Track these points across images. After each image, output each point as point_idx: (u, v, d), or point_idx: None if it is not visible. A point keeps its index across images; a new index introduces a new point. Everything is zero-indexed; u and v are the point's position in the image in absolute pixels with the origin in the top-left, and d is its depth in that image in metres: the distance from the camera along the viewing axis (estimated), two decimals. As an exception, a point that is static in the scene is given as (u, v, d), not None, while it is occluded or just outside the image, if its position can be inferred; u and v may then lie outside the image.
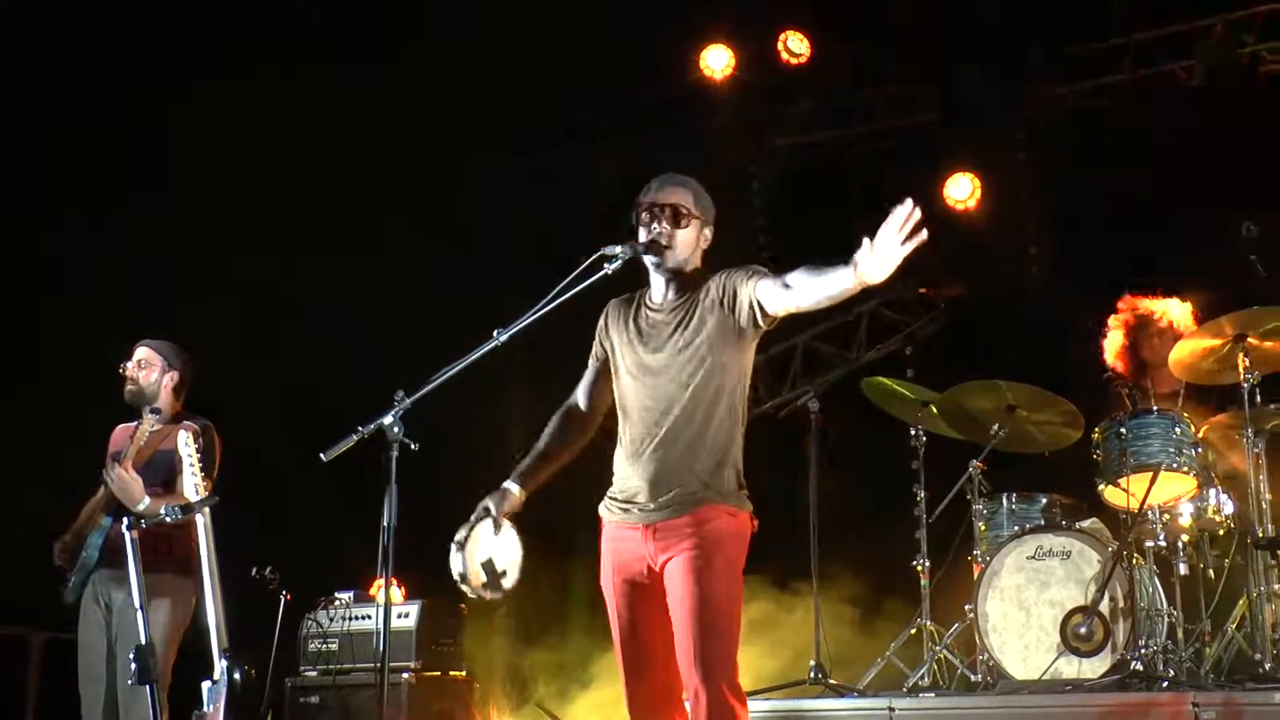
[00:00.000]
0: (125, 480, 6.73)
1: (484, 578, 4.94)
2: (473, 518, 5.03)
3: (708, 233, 5.17)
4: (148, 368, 7.15)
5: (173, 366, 7.20)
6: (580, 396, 5.30)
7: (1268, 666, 6.66)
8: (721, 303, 4.98)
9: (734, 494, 4.97)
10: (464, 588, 4.93)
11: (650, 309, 5.13)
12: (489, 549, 4.97)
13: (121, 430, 7.20)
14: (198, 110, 9.71)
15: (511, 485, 5.14)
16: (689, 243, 5.10)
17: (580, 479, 5.52)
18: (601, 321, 5.27)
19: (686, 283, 5.11)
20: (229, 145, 9.78)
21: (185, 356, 7.26)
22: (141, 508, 6.59)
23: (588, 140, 11.50)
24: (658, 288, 5.15)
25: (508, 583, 5.00)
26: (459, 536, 4.94)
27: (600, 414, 5.30)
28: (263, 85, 9.78)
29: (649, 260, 5.07)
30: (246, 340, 9.70)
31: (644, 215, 5.08)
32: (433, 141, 10.70)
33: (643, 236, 5.06)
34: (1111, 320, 7.95)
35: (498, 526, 5.02)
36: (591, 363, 5.30)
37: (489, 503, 5.08)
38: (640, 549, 4.94)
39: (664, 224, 5.05)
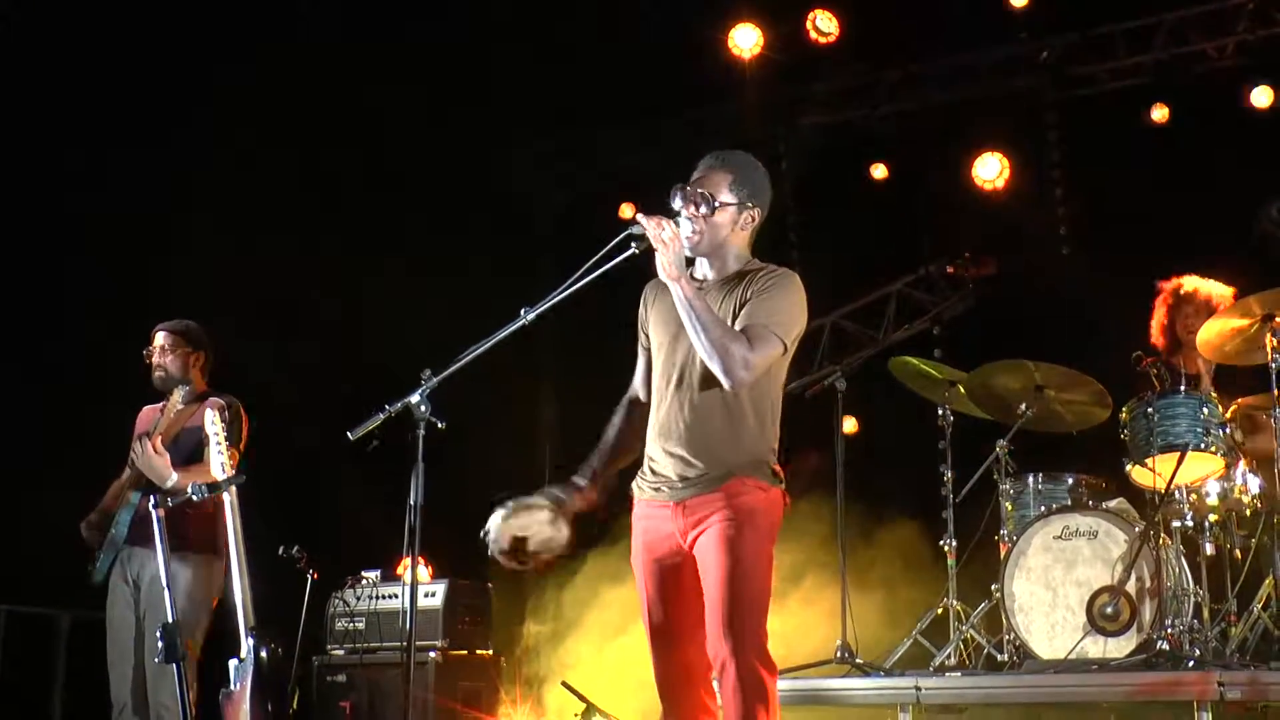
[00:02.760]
0: (152, 458, 6.76)
1: (506, 546, 4.93)
2: (536, 497, 4.99)
3: (754, 214, 5.07)
4: (172, 351, 7.17)
5: (198, 347, 7.23)
6: (639, 387, 5.25)
7: (1294, 647, 6.66)
8: (749, 300, 4.95)
9: (765, 471, 4.94)
10: (489, 542, 4.93)
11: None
12: (530, 528, 4.92)
13: (148, 411, 7.23)
14: (225, 96, 9.72)
15: (581, 480, 5.08)
16: (723, 226, 5.02)
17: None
18: (642, 307, 5.24)
19: (729, 262, 5.06)
20: (255, 128, 9.79)
21: (205, 333, 7.28)
22: (170, 484, 6.63)
23: (616, 121, 11.49)
24: (701, 266, 5.10)
25: (530, 565, 4.99)
26: (512, 503, 4.92)
27: None
28: (276, 68, 9.77)
29: (683, 238, 5.00)
30: (272, 318, 9.71)
31: (677, 198, 5.02)
32: (460, 124, 10.69)
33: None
34: (1158, 296, 7.92)
35: (555, 518, 4.97)
36: (640, 352, 5.26)
37: (559, 492, 5.02)
38: (670, 526, 4.93)
39: (693, 208, 4.98)
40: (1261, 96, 9.80)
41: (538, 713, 8.83)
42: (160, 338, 7.21)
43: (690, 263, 5.05)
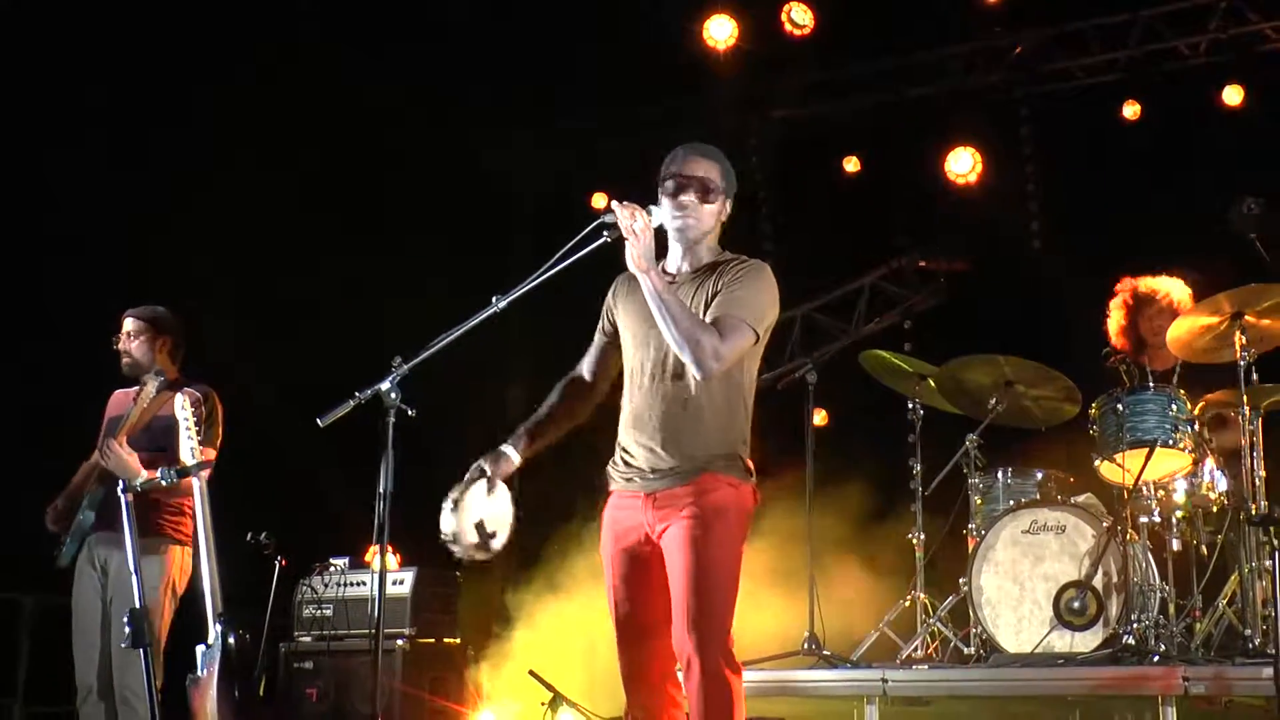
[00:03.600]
0: (120, 456, 6.72)
1: (474, 538, 4.89)
2: (466, 478, 4.95)
3: (729, 206, 5.12)
4: (138, 338, 7.13)
5: (162, 332, 7.17)
6: (584, 367, 5.26)
7: (1257, 642, 6.71)
8: (720, 291, 4.95)
9: (737, 466, 4.95)
10: (454, 548, 4.88)
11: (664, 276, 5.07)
12: (481, 510, 4.89)
13: (120, 395, 7.19)
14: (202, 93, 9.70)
15: (507, 448, 5.07)
16: (712, 215, 5.05)
17: (582, 448, 5.52)
18: (610, 295, 5.24)
19: (703, 254, 5.08)
20: (233, 119, 9.77)
21: (174, 320, 7.22)
22: (139, 482, 6.58)
23: (592, 110, 11.48)
24: (674, 258, 5.11)
25: (497, 544, 4.94)
26: (452, 496, 4.88)
27: (603, 386, 5.26)
28: (249, 50, 9.75)
29: (673, 226, 5.01)
30: (244, 306, 9.69)
31: (670, 185, 5.02)
32: (435, 114, 10.67)
33: (667, 207, 4.98)
34: (1113, 299, 7.95)
35: (491, 487, 4.95)
36: (598, 335, 5.26)
37: (484, 463, 5.00)
38: (639, 517, 4.92)
39: (693, 195, 4.99)
40: (1232, 95, 9.85)
41: (505, 702, 8.82)
42: (127, 324, 7.16)
43: (661, 255, 5.05)
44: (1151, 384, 7.30)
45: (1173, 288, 7.75)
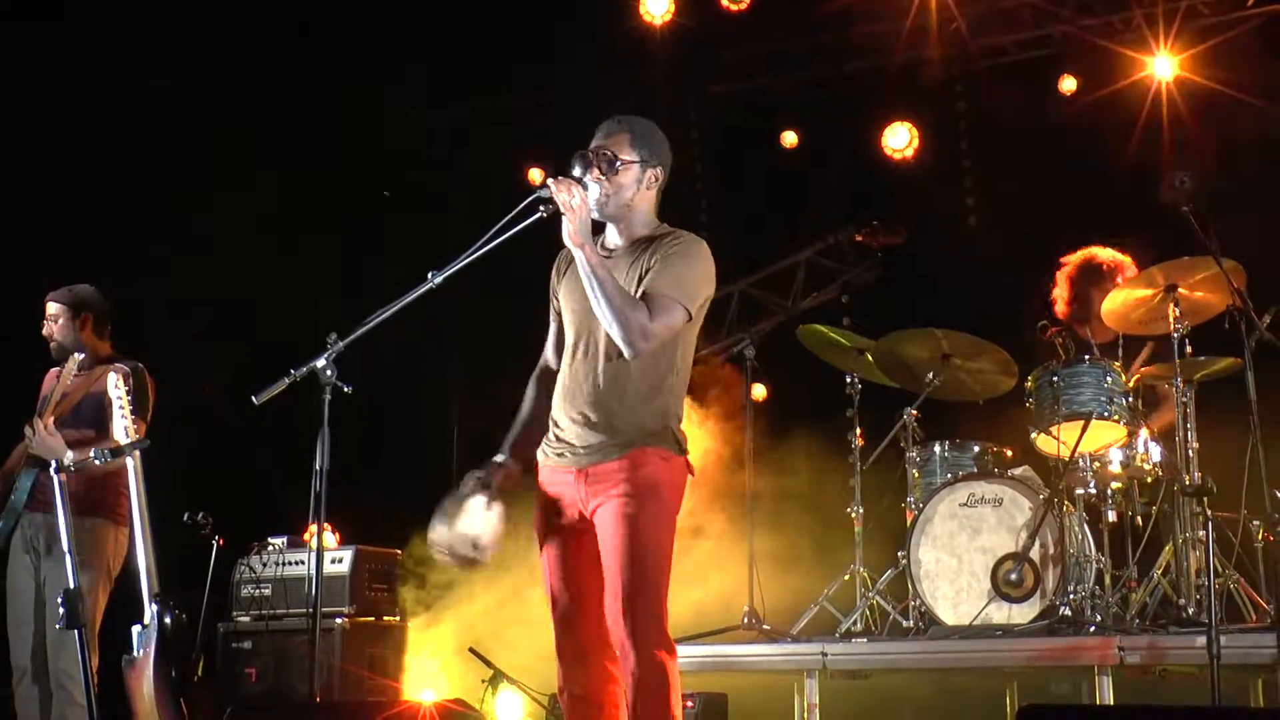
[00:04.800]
0: (45, 439, 6.67)
1: (466, 550, 4.87)
2: (463, 488, 4.91)
3: (656, 173, 5.05)
4: (58, 319, 7.09)
5: (82, 310, 7.12)
6: (550, 356, 5.20)
7: (1191, 611, 6.77)
8: (652, 268, 4.92)
9: (669, 439, 4.93)
10: (444, 557, 4.87)
11: (600, 251, 5.04)
12: (474, 522, 4.86)
13: (51, 375, 7.13)
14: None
15: (503, 458, 5.03)
16: (625, 187, 5.01)
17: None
18: (554, 273, 5.21)
19: (636, 227, 5.05)
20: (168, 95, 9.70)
21: (95, 296, 7.17)
22: (67, 461, 6.52)
23: (527, 85, 11.43)
24: (611, 233, 5.08)
25: (486, 557, 4.92)
26: (447, 507, 4.85)
27: None
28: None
29: (590, 202, 4.97)
30: (177, 283, 9.60)
31: (576, 163, 4.98)
32: (371, 87, 10.60)
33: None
34: (1066, 269, 7.98)
35: (491, 500, 4.91)
36: (552, 319, 5.21)
37: (481, 475, 4.95)
38: (573, 493, 4.91)
39: (595, 171, 4.95)
40: (1165, 68, 9.90)
41: (445, 679, 8.81)
42: (49, 307, 7.14)
43: (599, 229, 5.03)
44: (1087, 357, 7.36)
45: (1121, 258, 7.81)
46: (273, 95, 10.05)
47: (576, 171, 4.95)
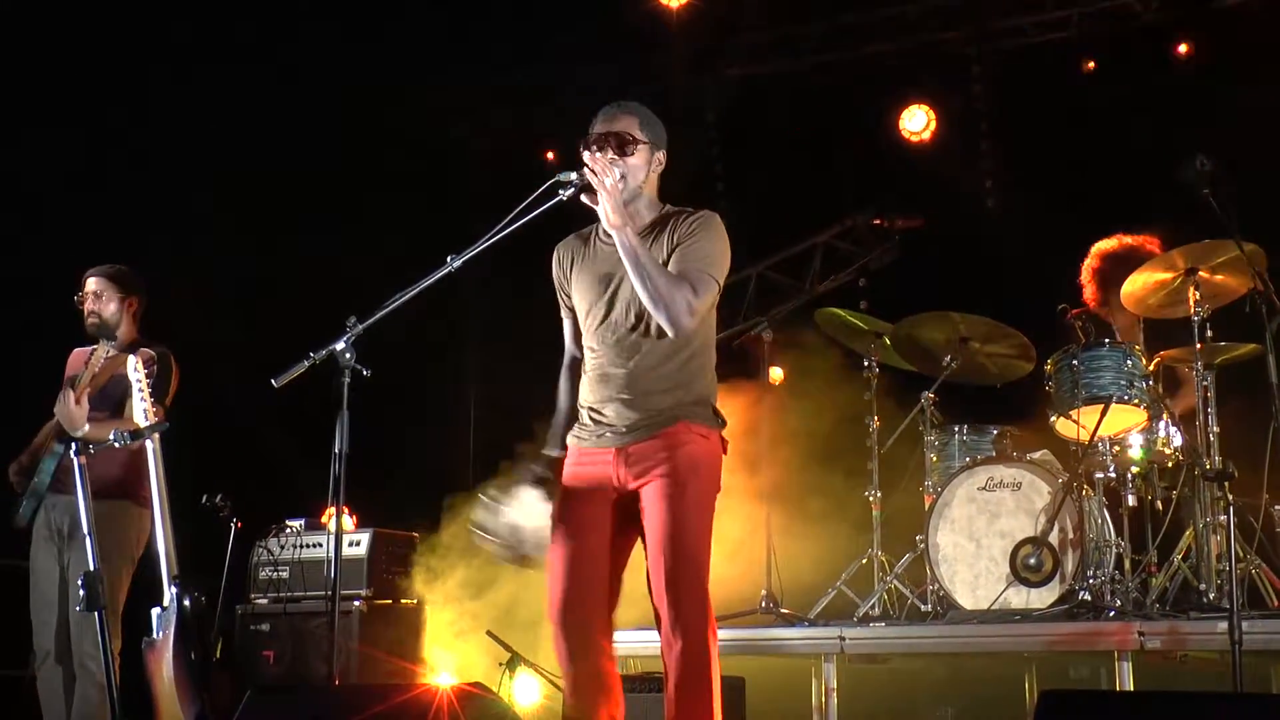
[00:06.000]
0: (71, 408, 6.67)
1: (510, 539, 4.88)
2: (518, 479, 4.97)
3: (660, 156, 5.11)
4: (105, 298, 7.08)
5: (131, 291, 7.13)
6: (573, 348, 5.21)
7: (1211, 596, 6.74)
8: (679, 246, 4.95)
9: (706, 415, 4.98)
10: (486, 544, 4.89)
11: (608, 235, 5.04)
12: (525, 514, 4.90)
13: (77, 355, 7.14)
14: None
15: (554, 452, 5.08)
16: (638, 169, 5.03)
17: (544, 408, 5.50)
18: (555, 268, 5.22)
19: (643, 211, 5.08)
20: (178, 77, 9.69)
21: (139, 280, 7.19)
22: (79, 434, 6.52)
23: (545, 69, 11.40)
24: None
25: (527, 550, 4.93)
26: (497, 496, 4.88)
27: None
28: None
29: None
30: (199, 266, 9.60)
31: (591, 146, 5.00)
32: (388, 70, 10.58)
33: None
34: (1101, 253, 7.92)
35: (549, 495, 4.95)
36: (564, 314, 5.23)
37: (538, 470, 5.01)
38: (609, 471, 4.92)
39: (610, 153, 4.97)
40: (1185, 49, 9.84)
41: (462, 662, 8.81)
42: (92, 283, 7.10)
43: (593, 218, 5.05)
44: (1107, 340, 7.33)
45: (1146, 244, 7.76)
46: (272, 83, 10.04)
47: (585, 156, 4.96)
